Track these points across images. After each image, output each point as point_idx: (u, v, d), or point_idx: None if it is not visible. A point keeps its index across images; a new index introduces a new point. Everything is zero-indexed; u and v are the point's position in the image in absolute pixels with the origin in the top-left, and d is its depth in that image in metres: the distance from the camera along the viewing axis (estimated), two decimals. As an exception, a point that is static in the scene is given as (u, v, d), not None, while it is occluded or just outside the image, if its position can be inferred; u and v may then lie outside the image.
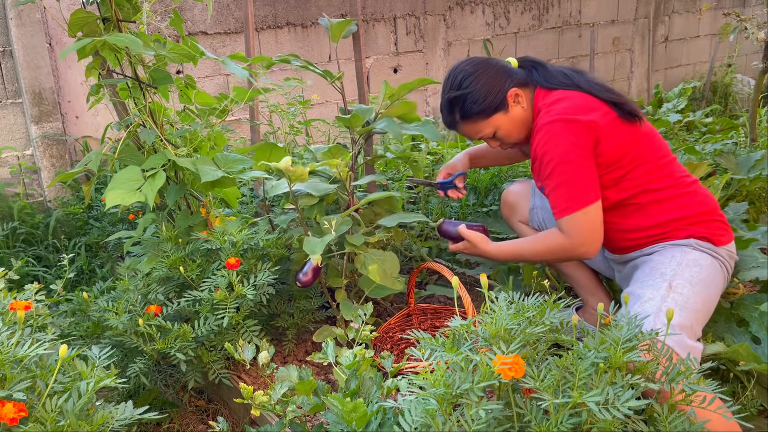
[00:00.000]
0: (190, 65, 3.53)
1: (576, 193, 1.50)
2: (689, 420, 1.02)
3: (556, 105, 1.57)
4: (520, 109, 1.65)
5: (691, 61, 6.39)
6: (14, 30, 3.13)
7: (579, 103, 1.55)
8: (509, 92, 1.63)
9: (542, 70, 1.67)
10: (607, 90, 1.60)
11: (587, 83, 1.61)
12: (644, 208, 1.57)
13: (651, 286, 1.44)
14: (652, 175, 1.57)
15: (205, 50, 1.86)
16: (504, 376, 0.94)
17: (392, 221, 1.83)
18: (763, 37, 3.34)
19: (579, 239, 1.52)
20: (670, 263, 1.49)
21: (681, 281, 1.43)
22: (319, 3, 4.12)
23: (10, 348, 1.10)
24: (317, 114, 4.15)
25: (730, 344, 1.51)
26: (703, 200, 1.58)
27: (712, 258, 1.51)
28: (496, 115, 1.65)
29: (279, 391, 1.28)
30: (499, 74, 1.65)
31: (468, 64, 1.68)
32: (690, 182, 1.60)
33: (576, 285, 1.92)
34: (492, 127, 1.67)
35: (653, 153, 1.58)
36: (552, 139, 1.51)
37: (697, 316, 1.39)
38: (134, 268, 1.91)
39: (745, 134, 3.52)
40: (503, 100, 1.63)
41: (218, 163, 1.82)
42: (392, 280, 1.78)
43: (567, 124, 1.51)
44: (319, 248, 1.60)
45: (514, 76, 1.66)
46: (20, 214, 3.04)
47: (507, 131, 1.68)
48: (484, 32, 4.90)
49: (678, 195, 1.57)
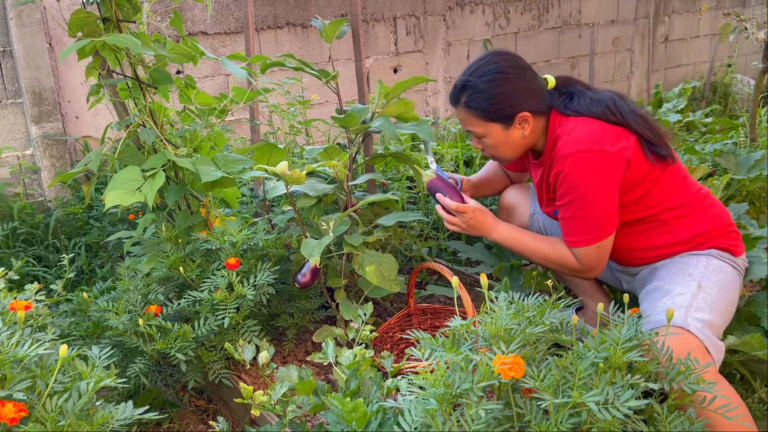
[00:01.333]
0: (190, 65, 3.53)
1: (593, 227, 1.51)
2: (689, 420, 1.02)
3: (576, 132, 1.51)
4: (521, 133, 1.60)
5: (691, 61, 6.39)
6: (14, 30, 3.13)
7: (605, 132, 1.49)
8: (519, 114, 1.57)
9: (580, 97, 1.58)
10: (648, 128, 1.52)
11: (629, 114, 1.51)
12: (667, 225, 1.56)
13: (680, 282, 1.44)
14: (671, 192, 1.56)
15: (205, 50, 1.86)
16: (504, 376, 0.94)
17: (390, 220, 1.83)
18: (763, 37, 3.34)
19: (588, 267, 1.57)
20: (697, 266, 1.48)
21: (709, 283, 1.43)
22: (319, 3, 4.12)
23: (10, 348, 1.10)
24: (317, 114, 4.16)
25: (743, 338, 1.51)
26: (720, 213, 1.58)
27: (732, 267, 1.52)
28: (495, 123, 1.60)
29: (279, 391, 1.28)
30: (525, 92, 1.58)
31: (507, 61, 1.59)
32: (705, 195, 1.60)
33: (576, 289, 1.92)
34: (485, 130, 1.62)
35: (673, 173, 1.57)
36: (578, 169, 1.48)
37: (722, 317, 1.39)
38: (134, 268, 1.91)
39: (745, 134, 3.52)
40: (510, 116, 1.58)
41: (218, 163, 1.82)
42: (389, 282, 1.77)
43: (596, 155, 1.47)
44: (316, 252, 1.59)
45: (536, 101, 1.59)
46: (20, 214, 3.04)
47: (495, 143, 1.64)
48: (484, 32, 4.90)
49: (697, 210, 1.56)
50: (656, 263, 1.59)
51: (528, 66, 1.62)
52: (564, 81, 1.65)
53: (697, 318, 1.30)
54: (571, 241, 1.55)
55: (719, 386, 1.17)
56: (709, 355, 1.25)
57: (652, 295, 1.45)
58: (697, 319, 1.29)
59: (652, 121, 1.54)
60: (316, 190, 1.87)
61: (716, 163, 2.75)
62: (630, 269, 1.69)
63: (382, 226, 1.85)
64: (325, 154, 2.02)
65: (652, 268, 1.59)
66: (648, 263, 1.61)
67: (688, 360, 1.07)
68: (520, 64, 1.60)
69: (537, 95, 1.59)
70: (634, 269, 1.67)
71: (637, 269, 1.66)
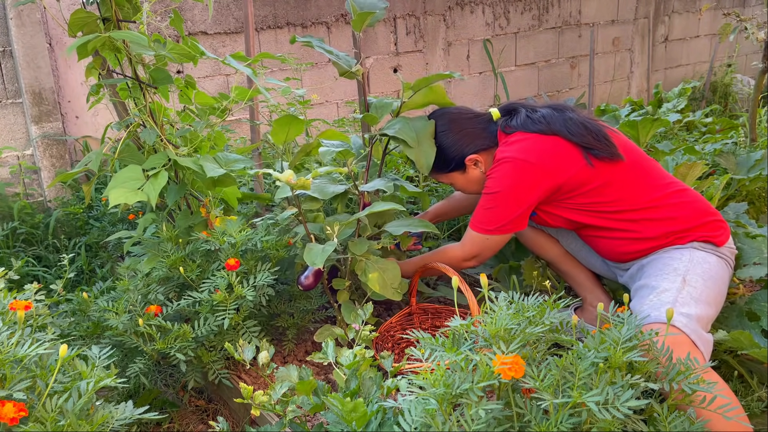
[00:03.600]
0: (190, 65, 3.53)
1: (493, 220, 1.67)
2: (689, 420, 1.02)
3: (509, 144, 1.68)
4: (478, 172, 1.78)
5: (691, 61, 6.39)
6: (14, 30, 3.13)
7: (534, 143, 1.63)
8: (468, 158, 1.76)
9: (518, 116, 1.72)
10: (586, 133, 1.62)
11: (563, 125, 1.64)
12: (638, 224, 1.60)
13: (666, 278, 1.47)
14: (631, 191, 1.61)
15: (206, 50, 1.86)
16: (504, 376, 0.94)
17: (398, 229, 1.81)
18: (763, 37, 3.34)
19: (469, 252, 1.75)
20: (681, 259, 1.52)
21: (694, 276, 1.46)
22: (319, 3, 4.12)
23: (10, 348, 1.10)
24: (317, 114, 4.15)
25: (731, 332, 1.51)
26: (696, 205, 1.60)
27: (717, 257, 1.54)
28: (453, 173, 1.82)
29: (279, 391, 1.28)
30: (464, 138, 1.77)
31: (442, 119, 1.81)
32: (676, 192, 1.62)
33: (574, 283, 1.94)
34: (448, 180, 1.85)
35: (627, 172, 1.61)
36: (501, 172, 1.64)
37: (709, 309, 1.41)
38: (134, 268, 1.91)
39: (744, 134, 3.52)
40: (461, 163, 1.78)
41: (219, 162, 1.82)
42: (392, 290, 1.77)
43: (519, 163, 1.61)
44: (319, 261, 1.58)
45: (478, 140, 1.76)
46: (20, 214, 3.04)
47: (461, 186, 1.86)
48: (484, 32, 4.90)
49: (667, 206, 1.59)
50: (642, 259, 1.62)
51: (460, 112, 1.83)
52: (505, 107, 1.81)
53: (682, 313, 1.33)
54: (472, 223, 1.73)
55: (718, 386, 1.18)
56: (698, 349, 1.28)
57: (640, 292, 1.49)
58: (682, 314, 1.33)
59: (592, 126, 1.65)
60: (324, 192, 1.84)
61: (716, 162, 2.74)
62: (621, 264, 1.73)
63: (389, 233, 1.84)
64: (341, 155, 1.99)
65: (640, 264, 1.63)
66: (634, 259, 1.65)
67: (688, 359, 1.07)
68: (451, 117, 1.81)
69: (478, 135, 1.77)
70: (624, 265, 1.71)
71: (626, 265, 1.70)
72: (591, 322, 1.88)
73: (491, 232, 1.68)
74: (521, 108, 1.74)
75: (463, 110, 1.85)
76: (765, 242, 1.70)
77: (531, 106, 1.74)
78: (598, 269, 1.89)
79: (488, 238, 1.70)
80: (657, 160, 2.18)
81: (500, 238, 1.70)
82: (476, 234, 1.71)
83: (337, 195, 1.90)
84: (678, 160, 2.47)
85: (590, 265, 1.90)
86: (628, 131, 2.99)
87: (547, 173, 1.60)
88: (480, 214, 1.70)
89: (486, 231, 1.69)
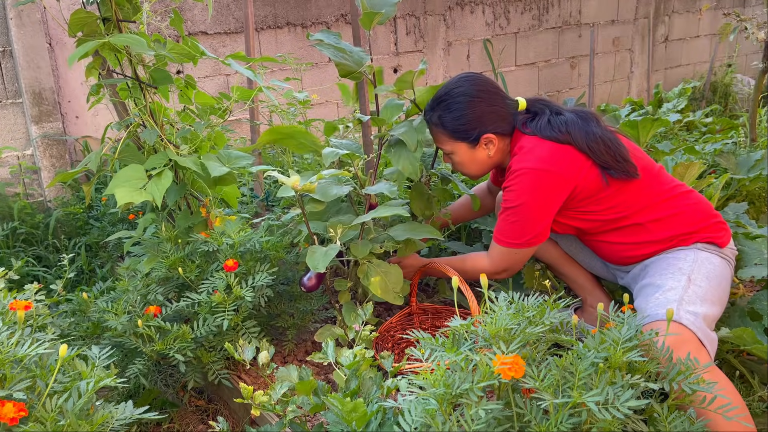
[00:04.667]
0: (190, 65, 3.53)
1: (519, 234, 1.63)
2: (689, 420, 1.02)
3: (526, 150, 1.62)
4: (486, 153, 1.72)
5: (691, 61, 6.39)
6: (14, 30, 3.13)
7: (552, 152, 1.58)
8: (484, 135, 1.68)
9: (540, 119, 1.66)
10: (605, 151, 1.58)
11: (583, 138, 1.59)
12: (644, 227, 1.60)
13: (671, 277, 1.47)
14: (640, 198, 1.60)
15: (206, 50, 1.86)
16: (504, 376, 0.94)
17: (402, 234, 1.80)
18: (763, 37, 3.34)
19: (498, 267, 1.70)
20: (686, 259, 1.52)
21: (699, 275, 1.46)
22: (319, 3, 4.12)
23: (10, 348, 1.10)
24: (317, 114, 4.15)
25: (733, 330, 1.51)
26: (699, 207, 1.61)
27: (720, 258, 1.55)
28: (461, 143, 1.71)
29: (279, 391, 1.28)
30: (490, 114, 1.68)
31: (476, 85, 1.70)
32: (681, 194, 1.62)
33: (574, 285, 1.94)
34: (452, 148, 1.74)
35: (640, 182, 1.60)
36: (522, 183, 1.59)
37: (714, 308, 1.42)
38: (134, 269, 1.90)
39: (745, 134, 3.52)
40: (476, 137, 1.69)
41: (221, 160, 1.83)
42: (394, 294, 1.76)
43: (539, 173, 1.57)
44: (321, 265, 1.57)
45: (501, 123, 1.69)
46: (20, 214, 3.04)
47: (462, 161, 1.76)
48: (484, 32, 4.90)
49: (674, 208, 1.59)
50: (646, 261, 1.62)
51: (496, 89, 1.73)
52: (534, 102, 1.74)
53: (689, 311, 1.33)
54: (497, 238, 1.68)
55: (720, 385, 1.18)
56: (703, 347, 1.27)
57: (645, 290, 1.49)
58: (689, 312, 1.33)
59: (612, 144, 1.59)
60: (327, 195, 1.84)
61: (716, 162, 2.74)
62: (622, 267, 1.73)
63: (392, 238, 1.83)
64: (347, 157, 1.98)
65: (643, 265, 1.63)
66: (638, 261, 1.65)
67: (688, 359, 1.07)
68: (488, 88, 1.71)
69: (503, 118, 1.69)
70: (626, 267, 1.71)
71: (629, 267, 1.70)
72: (591, 322, 1.88)
73: (520, 246, 1.64)
74: (546, 109, 1.69)
75: (499, 88, 1.76)
76: (765, 243, 1.71)
77: (557, 109, 1.69)
78: (597, 271, 1.89)
79: (517, 252, 1.66)
80: (657, 160, 2.18)
81: (529, 251, 1.67)
82: (504, 248, 1.67)
83: (339, 198, 1.89)
84: (678, 160, 2.47)
85: (590, 267, 1.90)
86: (629, 131, 2.99)
87: (566, 179, 1.57)
88: (505, 228, 1.65)
89: (514, 245, 1.65)
